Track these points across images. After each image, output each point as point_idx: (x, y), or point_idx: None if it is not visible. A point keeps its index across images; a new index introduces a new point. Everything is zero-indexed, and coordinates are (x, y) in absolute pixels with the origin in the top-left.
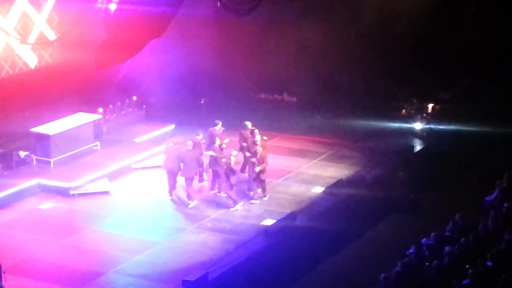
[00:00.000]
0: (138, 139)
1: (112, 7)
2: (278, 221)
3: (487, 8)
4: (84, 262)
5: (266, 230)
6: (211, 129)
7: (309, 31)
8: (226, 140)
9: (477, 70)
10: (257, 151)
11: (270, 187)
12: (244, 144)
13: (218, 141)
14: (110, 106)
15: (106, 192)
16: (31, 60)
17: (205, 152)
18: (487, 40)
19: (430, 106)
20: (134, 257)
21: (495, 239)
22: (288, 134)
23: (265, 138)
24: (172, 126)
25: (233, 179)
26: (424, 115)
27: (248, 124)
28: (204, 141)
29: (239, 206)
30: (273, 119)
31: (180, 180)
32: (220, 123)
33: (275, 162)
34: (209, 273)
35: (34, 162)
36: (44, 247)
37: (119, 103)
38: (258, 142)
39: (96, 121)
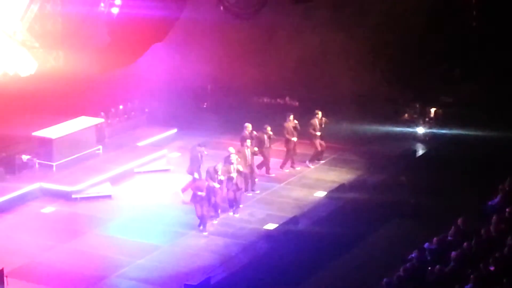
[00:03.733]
0: (140, 143)
1: (115, 11)
2: (280, 225)
3: (489, 12)
4: (86, 266)
5: (268, 234)
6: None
7: (311, 35)
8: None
9: (479, 74)
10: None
11: (273, 191)
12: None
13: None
14: (113, 110)
15: (109, 196)
16: (33, 64)
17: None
18: (490, 44)
19: (433, 110)
20: (136, 261)
21: (497, 243)
22: None
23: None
24: (175, 130)
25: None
26: (427, 119)
27: (268, 128)
28: (205, 152)
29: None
30: (275, 123)
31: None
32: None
33: (277, 166)
34: (211, 277)
35: (37, 166)
36: (47, 251)
37: (121, 107)
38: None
39: (99, 125)
